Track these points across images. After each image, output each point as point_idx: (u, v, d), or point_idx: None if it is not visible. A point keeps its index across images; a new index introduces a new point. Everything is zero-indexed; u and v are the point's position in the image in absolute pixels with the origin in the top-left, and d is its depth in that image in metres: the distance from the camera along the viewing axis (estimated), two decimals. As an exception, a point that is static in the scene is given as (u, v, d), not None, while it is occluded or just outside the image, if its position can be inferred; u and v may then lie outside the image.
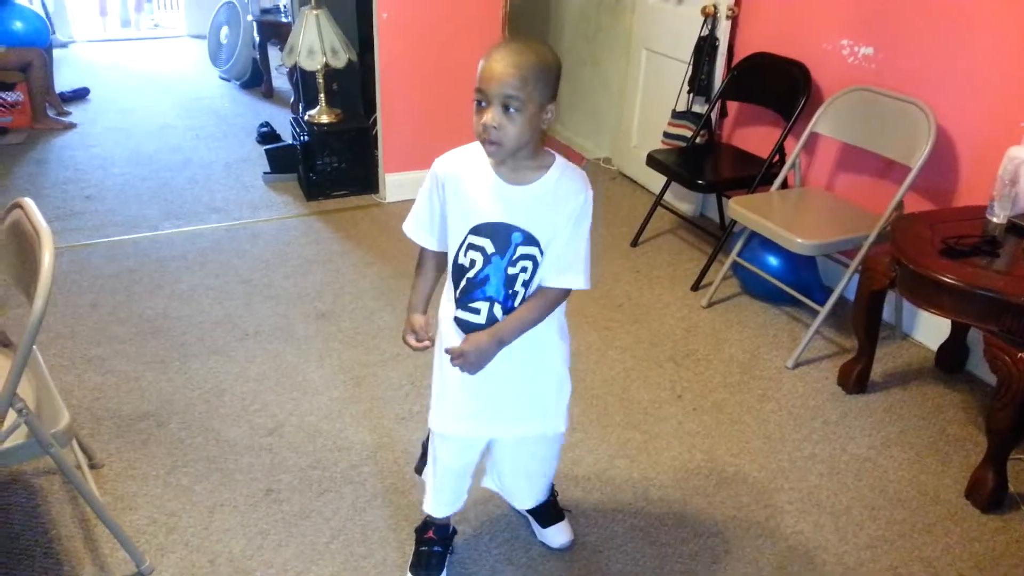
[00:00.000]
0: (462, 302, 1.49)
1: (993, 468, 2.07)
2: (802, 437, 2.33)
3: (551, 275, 1.45)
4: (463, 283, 1.47)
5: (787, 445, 2.30)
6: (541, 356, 1.56)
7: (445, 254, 1.52)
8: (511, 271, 1.44)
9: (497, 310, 1.46)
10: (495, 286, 1.45)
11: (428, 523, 1.82)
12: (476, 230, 1.43)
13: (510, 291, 1.46)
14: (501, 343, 1.45)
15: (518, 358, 1.51)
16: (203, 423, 2.31)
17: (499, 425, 1.64)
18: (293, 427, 2.31)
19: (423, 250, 1.57)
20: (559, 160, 1.44)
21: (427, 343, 1.54)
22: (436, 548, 1.80)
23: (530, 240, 1.42)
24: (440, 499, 1.75)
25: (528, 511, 1.96)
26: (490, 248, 1.42)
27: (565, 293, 1.49)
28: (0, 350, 1.88)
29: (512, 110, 1.31)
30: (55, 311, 2.83)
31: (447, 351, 1.47)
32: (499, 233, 1.41)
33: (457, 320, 1.50)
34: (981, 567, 1.91)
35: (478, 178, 1.42)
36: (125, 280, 3.11)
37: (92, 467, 2.10)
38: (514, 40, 1.36)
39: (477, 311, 1.47)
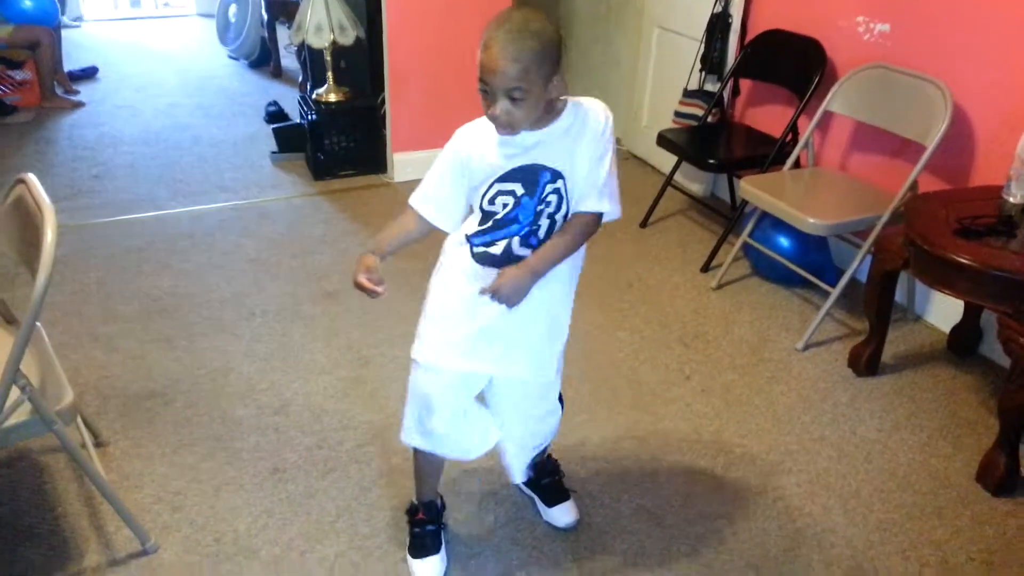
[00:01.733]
0: (483, 239, 1.50)
1: (1005, 451, 2.04)
2: (811, 419, 2.31)
3: (580, 201, 1.46)
4: (489, 223, 1.49)
5: (796, 427, 2.28)
6: (538, 302, 1.52)
7: (431, 228, 1.55)
8: (540, 208, 1.46)
9: (515, 242, 1.48)
10: (521, 224, 1.47)
11: (415, 506, 1.81)
12: (504, 178, 1.45)
13: (533, 226, 1.47)
14: (535, 274, 1.46)
15: (535, 302, 1.51)
16: (209, 402, 2.31)
17: (486, 362, 1.59)
18: (299, 406, 2.30)
19: (418, 216, 1.55)
20: (572, 100, 1.45)
21: (380, 289, 1.50)
22: (429, 527, 1.79)
23: (557, 175, 1.44)
24: (408, 425, 1.67)
25: (533, 490, 1.95)
26: (520, 190, 1.45)
27: (596, 220, 1.48)
28: (5, 327, 1.87)
29: (518, 100, 1.33)
30: (62, 289, 2.83)
31: (482, 291, 1.45)
32: (527, 175, 1.44)
33: (475, 253, 1.52)
34: (992, 550, 1.88)
35: (491, 138, 1.44)
36: (132, 259, 3.10)
37: (98, 445, 2.10)
38: (509, 20, 1.31)
39: (495, 244, 1.49)
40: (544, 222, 1.47)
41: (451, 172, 1.50)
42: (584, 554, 1.84)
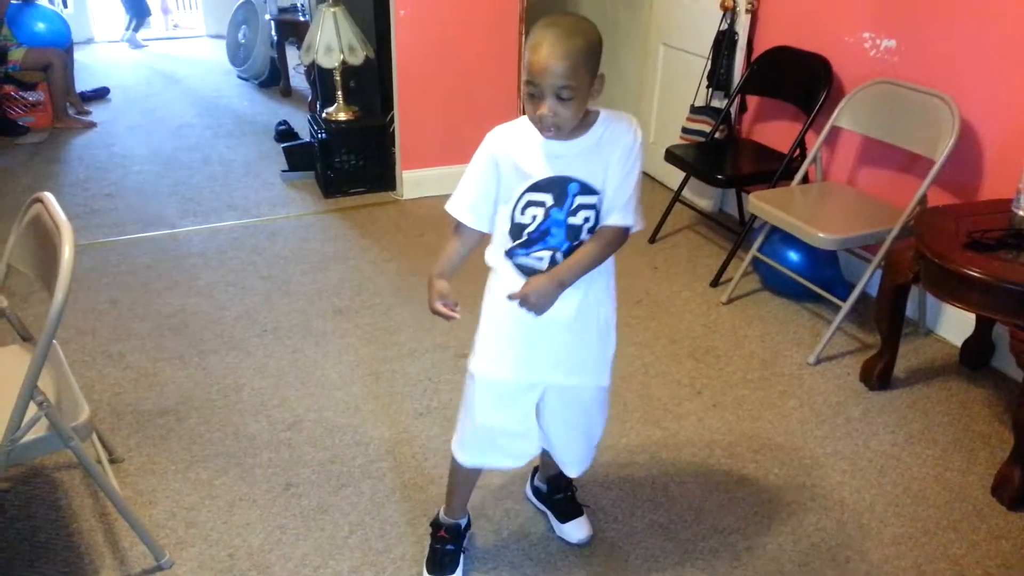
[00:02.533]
0: (523, 252, 1.51)
1: (1020, 465, 2.03)
2: (824, 434, 2.31)
3: (611, 216, 1.47)
4: (523, 237, 1.50)
5: (809, 442, 2.27)
6: (587, 307, 1.55)
7: (480, 234, 1.55)
8: (572, 221, 1.47)
9: (559, 258, 1.49)
10: (558, 237, 1.48)
11: (440, 522, 1.81)
12: (534, 187, 1.46)
13: (574, 242, 1.48)
14: (561, 284, 1.47)
15: (566, 306, 1.52)
16: (222, 418, 2.32)
17: (542, 372, 1.61)
18: (311, 422, 2.31)
19: (459, 225, 1.55)
20: (604, 112, 1.47)
21: (456, 313, 1.52)
22: (449, 547, 1.78)
23: (587, 189, 1.45)
24: (468, 448, 1.68)
25: (546, 505, 1.95)
26: (549, 201, 1.46)
27: (621, 234, 1.49)
28: (21, 344, 1.89)
29: (567, 100, 1.34)
30: (75, 308, 2.85)
31: (509, 297, 1.48)
32: (556, 185, 1.45)
33: (520, 267, 1.53)
34: (1008, 565, 1.87)
35: (530, 142, 1.46)
36: (144, 277, 3.13)
37: (112, 462, 2.10)
38: (556, 23, 1.34)
39: (540, 259, 1.50)
40: (586, 238, 1.49)
41: (484, 173, 1.51)
42: (598, 570, 1.84)
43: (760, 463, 2.19)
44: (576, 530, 1.90)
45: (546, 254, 1.50)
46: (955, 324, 2.71)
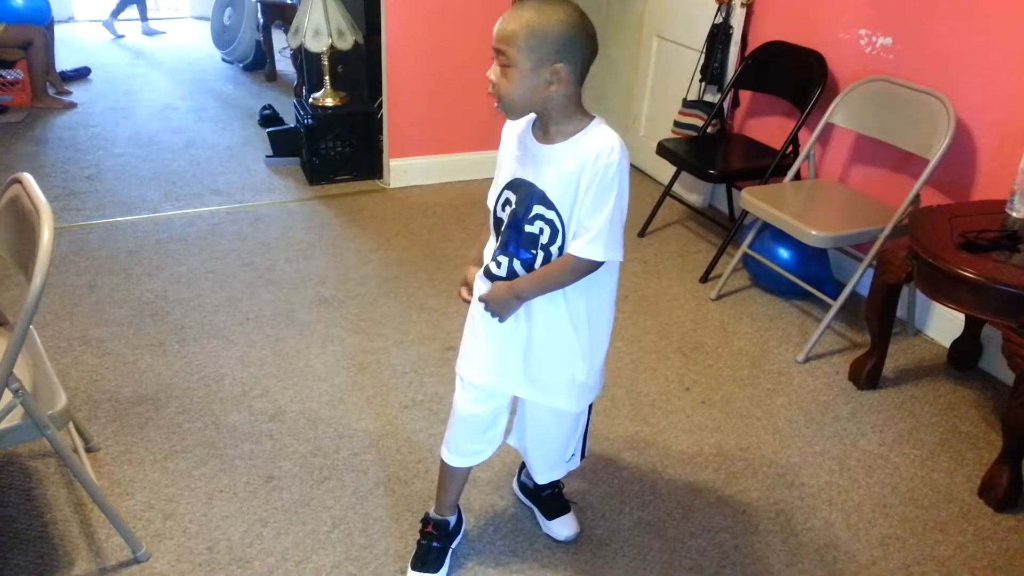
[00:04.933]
0: (495, 253, 1.50)
1: (1008, 467, 2.03)
2: (812, 433, 2.29)
3: (575, 242, 1.40)
4: (499, 236, 1.49)
5: (797, 440, 2.26)
6: (556, 336, 1.52)
7: None
8: (528, 229, 1.43)
9: (517, 265, 1.46)
10: (515, 243, 1.45)
11: (427, 518, 1.78)
12: (508, 185, 1.45)
13: (530, 251, 1.44)
14: (518, 297, 1.46)
15: (537, 328, 1.51)
16: (202, 408, 2.27)
17: (513, 385, 1.60)
18: (294, 413, 2.26)
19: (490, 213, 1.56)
20: (594, 124, 1.38)
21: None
22: (435, 544, 1.75)
23: (544, 200, 1.40)
24: (452, 447, 1.69)
25: (533, 502, 1.92)
26: (513, 203, 1.44)
27: (586, 264, 1.40)
28: (-4, 329, 1.83)
29: (500, 64, 1.33)
30: (52, 292, 2.78)
31: (480, 297, 1.49)
32: (521, 188, 1.43)
33: (486, 269, 1.52)
34: (995, 566, 1.87)
35: (520, 137, 1.45)
36: (124, 262, 3.06)
37: (88, 450, 2.05)
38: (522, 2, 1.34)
39: (500, 264, 1.48)
40: (541, 253, 1.43)
41: (499, 163, 1.52)
42: (584, 567, 1.81)
43: (748, 461, 2.17)
44: (563, 527, 1.87)
45: (505, 259, 1.47)
46: (944, 325, 2.71)
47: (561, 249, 1.42)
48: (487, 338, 1.57)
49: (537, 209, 1.40)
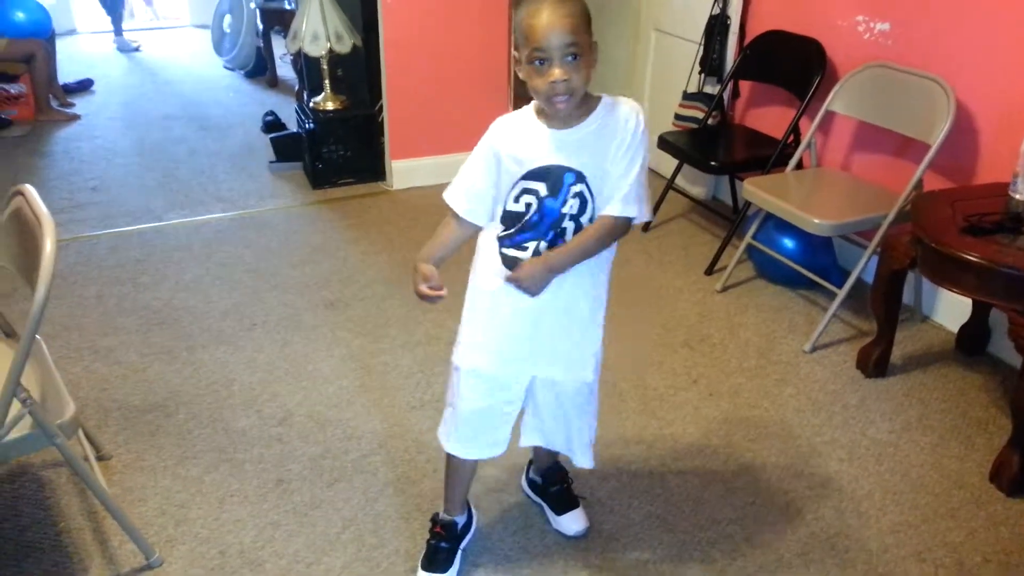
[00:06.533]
0: (512, 241, 1.49)
1: (1018, 450, 2.02)
2: (821, 422, 2.29)
3: (609, 205, 1.44)
4: (515, 226, 1.48)
5: (806, 430, 2.25)
6: (567, 299, 1.52)
7: (475, 227, 1.54)
8: (565, 211, 1.44)
9: (543, 247, 1.47)
10: (545, 225, 1.46)
11: (436, 518, 1.78)
12: (529, 175, 1.44)
13: (557, 229, 1.46)
14: (551, 270, 1.45)
15: (558, 303, 1.51)
16: (211, 413, 2.28)
17: (522, 362, 1.59)
18: (303, 417, 2.27)
19: (455, 216, 1.54)
20: (606, 97, 1.44)
21: (443, 292, 1.49)
22: (443, 544, 1.76)
23: (581, 178, 1.43)
24: (454, 437, 1.66)
25: (542, 498, 1.93)
26: (543, 191, 1.44)
27: (623, 224, 1.46)
28: (5, 340, 1.85)
29: (576, 58, 1.33)
30: (61, 303, 2.80)
31: (506, 279, 1.47)
32: (552, 175, 1.43)
33: (504, 256, 1.50)
34: (1007, 551, 1.86)
35: (529, 130, 1.45)
36: (130, 271, 3.08)
37: (100, 459, 2.07)
38: None
39: (525, 248, 1.48)
40: (569, 224, 1.46)
41: (485, 163, 1.49)
42: (595, 562, 1.81)
43: (757, 452, 2.17)
44: (572, 522, 1.88)
45: (532, 244, 1.48)
46: (951, 310, 2.70)
47: (591, 219, 1.46)
48: (500, 324, 1.55)
49: (575, 188, 1.43)
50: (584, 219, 1.46)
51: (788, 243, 2.88)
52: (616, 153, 1.42)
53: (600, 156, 1.42)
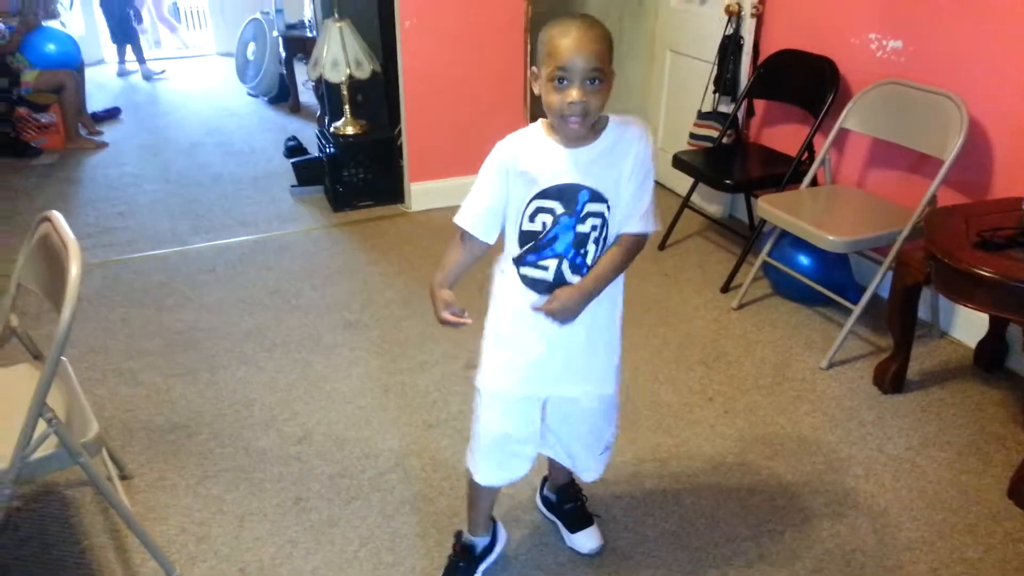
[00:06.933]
0: (529, 260, 1.50)
1: (1037, 467, 2.01)
2: (837, 439, 2.28)
3: (629, 223, 1.48)
4: (531, 244, 1.49)
5: (822, 447, 2.25)
6: (591, 317, 1.53)
7: (486, 246, 1.55)
8: (580, 228, 1.46)
9: (565, 266, 1.49)
10: (564, 244, 1.47)
11: (458, 535, 1.81)
12: (543, 194, 1.45)
13: (580, 249, 1.48)
14: (588, 295, 1.48)
15: (587, 322, 1.52)
16: (233, 433, 2.32)
17: (546, 383, 1.60)
18: (321, 436, 2.31)
19: (465, 236, 1.54)
20: (614, 116, 1.47)
21: (467, 320, 1.51)
22: (461, 563, 1.78)
23: (597, 197, 1.45)
24: (483, 465, 1.68)
25: (556, 515, 1.94)
26: (559, 209, 1.45)
27: (642, 240, 1.51)
28: (33, 363, 1.90)
29: (597, 82, 1.36)
30: (87, 326, 2.87)
31: (535, 308, 1.49)
32: (566, 193, 1.45)
33: (524, 277, 1.52)
34: (1027, 569, 1.85)
35: (540, 148, 1.46)
36: (155, 294, 3.15)
37: (123, 478, 2.11)
38: (579, 15, 1.38)
39: (545, 268, 1.50)
40: (592, 247, 1.48)
41: (494, 182, 1.49)
42: (609, 579, 1.83)
43: (772, 469, 2.17)
44: (587, 540, 1.89)
45: (552, 263, 1.48)
46: (969, 325, 2.68)
47: (605, 240, 1.48)
48: (524, 347, 1.56)
49: (589, 208, 1.45)
50: (603, 238, 1.48)
51: (804, 260, 2.88)
52: (631, 173, 1.44)
53: (614, 174, 1.44)
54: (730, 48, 3.41)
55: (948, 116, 2.52)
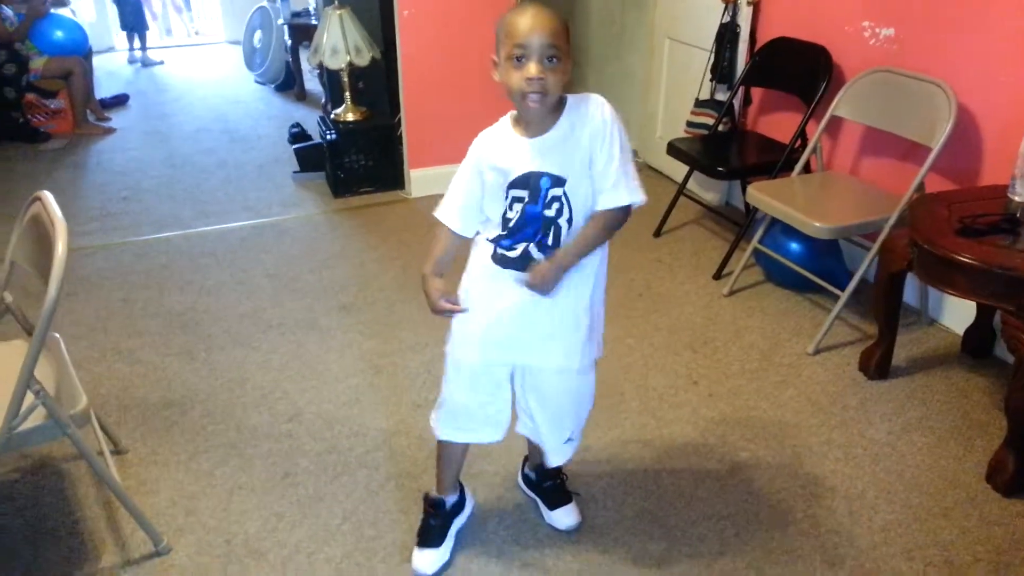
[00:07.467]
0: (504, 243, 1.56)
1: (1014, 451, 2.02)
2: (819, 423, 2.31)
3: (602, 197, 1.50)
4: (507, 229, 1.55)
5: (803, 431, 2.27)
6: (562, 289, 1.56)
7: (465, 239, 1.62)
8: (547, 213, 1.50)
9: (532, 249, 1.53)
10: (533, 228, 1.52)
11: (426, 496, 1.87)
12: (513, 184, 1.51)
13: (548, 232, 1.52)
14: (561, 267, 1.52)
15: (559, 295, 1.56)
16: (225, 411, 2.37)
17: (508, 352, 1.66)
18: (312, 414, 2.36)
19: (448, 230, 1.62)
20: (571, 97, 1.50)
21: (462, 308, 1.59)
22: (432, 520, 1.84)
23: (558, 182, 1.49)
24: (443, 424, 1.75)
25: (535, 493, 1.98)
26: (525, 197, 1.50)
27: (620, 214, 1.51)
28: (25, 338, 1.95)
29: (554, 61, 1.39)
30: (88, 306, 2.93)
31: (517, 281, 1.54)
32: (531, 181, 1.49)
33: (495, 254, 1.57)
34: (1000, 551, 1.87)
35: (507, 142, 1.52)
36: (156, 276, 3.20)
37: (117, 453, 2.17)
38: (530, 2, 1.43)
39: (515, 249, 1.55)
40: (562, 227, 1.51)
41: (469, 180, 1.57)
42: (585, 554, 1.86)
43: (753, 452, 2.19)
44: (565, 517, 1.93)
45: (520, 246, 1.54)
46: (957, 313, 2.69)
47: (570, 220, 1.51)
48: (490, 317, 1.61)
49: (553, 192, 1.49)
50: (562, 221, 1.51)
51: (795, 247, 2.90)
52: (593, 148, 1.47)
53: (577, 155, 1.48)
54: (727, 36, 3.42)
55: (937, 104, 2.52)
